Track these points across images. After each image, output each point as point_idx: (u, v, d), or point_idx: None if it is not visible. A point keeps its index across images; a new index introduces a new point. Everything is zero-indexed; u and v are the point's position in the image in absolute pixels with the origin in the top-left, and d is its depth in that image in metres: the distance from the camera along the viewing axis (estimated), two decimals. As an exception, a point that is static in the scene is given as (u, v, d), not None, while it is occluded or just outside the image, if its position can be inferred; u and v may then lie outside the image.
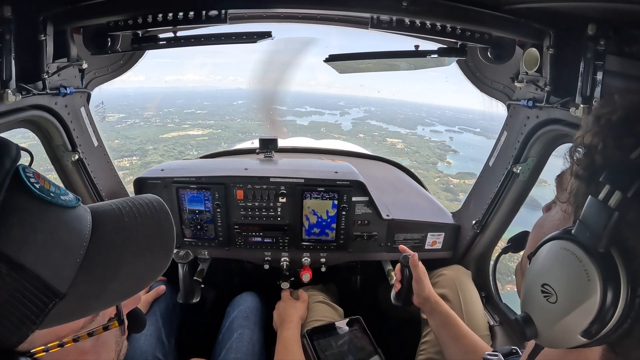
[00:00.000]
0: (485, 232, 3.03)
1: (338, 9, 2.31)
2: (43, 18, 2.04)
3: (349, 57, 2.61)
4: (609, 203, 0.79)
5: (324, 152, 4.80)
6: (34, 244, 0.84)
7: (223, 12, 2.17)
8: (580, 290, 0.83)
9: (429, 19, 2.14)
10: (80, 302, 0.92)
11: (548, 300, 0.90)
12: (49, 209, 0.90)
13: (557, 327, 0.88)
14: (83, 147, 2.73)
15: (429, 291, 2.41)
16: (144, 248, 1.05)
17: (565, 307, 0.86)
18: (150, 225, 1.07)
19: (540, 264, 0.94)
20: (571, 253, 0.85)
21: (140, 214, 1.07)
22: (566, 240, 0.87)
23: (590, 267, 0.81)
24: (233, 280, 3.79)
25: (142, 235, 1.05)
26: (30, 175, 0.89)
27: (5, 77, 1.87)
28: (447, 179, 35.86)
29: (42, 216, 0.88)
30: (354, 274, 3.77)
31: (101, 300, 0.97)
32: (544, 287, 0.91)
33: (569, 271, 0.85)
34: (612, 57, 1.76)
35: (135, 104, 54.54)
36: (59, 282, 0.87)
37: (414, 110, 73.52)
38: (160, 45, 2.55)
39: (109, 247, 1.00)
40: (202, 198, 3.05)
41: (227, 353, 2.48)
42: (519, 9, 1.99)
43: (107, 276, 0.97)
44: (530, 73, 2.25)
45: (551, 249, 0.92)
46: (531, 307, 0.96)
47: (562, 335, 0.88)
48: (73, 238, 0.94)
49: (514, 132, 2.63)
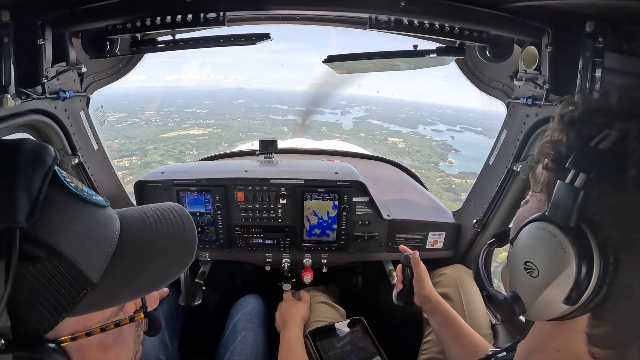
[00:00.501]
0: (486, 230, 3.03)
1: (336, 9, 2.31)
2: (41, 22, 2.03)
3: (348, 58, 2.60)
4: (575, 184, 0.92)
5: (323, 153, 4.80)
6: (71, 235, 0.91)
7: (221, 14, 2.16)
8: (557, 262, 0.94)
9: (427, 18, 2.13)
10: (110, 292, 0.98)
11: (531, 275, 1.01)
12: (83, 205, 0.99)
13: (542, 298, 0.99)
14: (83, 151, 2.73)
15: (430, 290, 2.40)
16: (169, 247, 1.13)
17: (547, 279, 0.97)
18: (174, 226, 1.16)
19: (521, 245, 1.06)
20: (547, 231, 0.97)
21: (164, 216, 1.17)
22: (541, 221, 1.00)
23: (564, 240, 0.93)
24: (235, 282, 3.80)
25: (166, 235, 1.14)
26: (65, 176, 0.98)
27: (4, 82, 1.87)
28: (449, 178, 35.76)
29: (77, 211, 0.96)
30: (355, 275, 3.78)
31: (129, 292, 1.04)
32: (526, 265, 1.03)
33: (547, 246, 0.97)
34: (610, 54, 1.76)
35: (136, 104, 54.55)
36: (91, 272, 0.94)
37: (415, 109, 73.42)
38: (158, 48, 2.55)
39: (137, 244, 1.07)
40: (202, 200, 3.05)
41: (231, 355, 2.48)
42: (517, 7, 1.99)
43: (136, 269, 1.05)
44: (529, 71, 2.25)
45: (530, 230, 1.04)
46: (517, 285, 1.07)
47: (546, 306, 0.99)
48: (105, 233, 1.02)
49: (514, 130, 2.63)
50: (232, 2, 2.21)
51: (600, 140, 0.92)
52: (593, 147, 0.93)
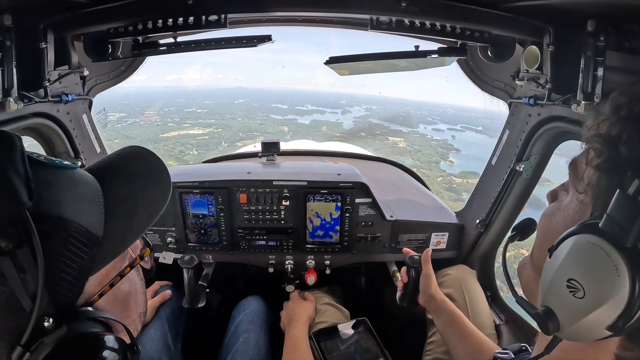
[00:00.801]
0: (490, 231, 3.03)
1: (337, 11, 2.31)
2: (43, 26, 2.04)
3: (349, 59, 2.61)
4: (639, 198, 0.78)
5: (326, 155, 4.81)
6: (66, 201, 0.96)
7: (223, 16, 2.17)
8: (609, 286, 0.81)
9: (428, 19, 2.13)
10: (116, 240, 1.05)
11: (574, 296, 0.88)
12: (61, 172, 1.01)
13: (583, 321, 0.86)
14: (86, 154, 2.74)
15: (435, 289, 2.40)
16: (145, 180, 1.19)
17: (593, 302, 0.84)
18: (141, 162, 1.22)
19: (566, 258, 0.91)
20: (599, 248, 0.83)
21: (127, 157, 1.23)
22: (594, 234, 0.85)
23: (620, 262, 0.80)
24: (238, 284, 3.80)
25: (138, 171, 1.20)
26: (32, 152, 0.98)
27: (7, 86, 1.88)
28: (450, 178, 35.71)
29: (60, 178, 1.00)
30: (358, 276, 3.78)
31: (132, 233, 1.12)
32: (570, 282, 0.89)
33: (598, 266, 0.83)
34: (612, 52, 1.76)
35: (136, 104, 54.62)
36: (95, 228, 0.99)
37: (415, 108, 73.39)
38: (160, 51, 2.56)
39: (119, 189, 1.12)
40: (205, 202, 3.05)
41: (233, 357, 2.48)
42: (518, 7, 1.99)
43: (129, 212, 1.11)
44: (531, 71, 2.25)
45: (577, 242, 0.89)
46: (555, 302, 0.94)
47: (587, 330, 0.87)
48: (89, 190, 1.05)
49: (516, 130, 2.63)
50: (233, 4, 2.21)
51: None
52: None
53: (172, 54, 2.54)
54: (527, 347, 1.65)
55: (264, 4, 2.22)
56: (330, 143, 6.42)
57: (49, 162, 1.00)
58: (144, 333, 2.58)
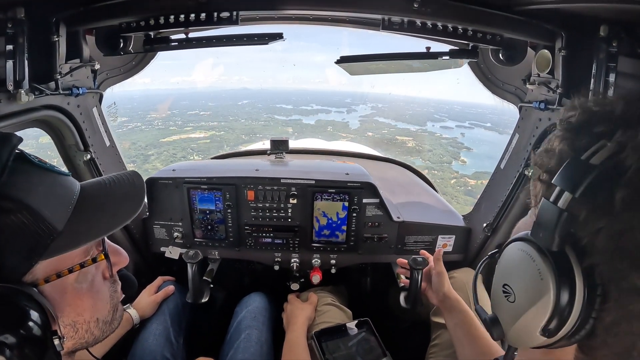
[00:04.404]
0: (497, 235, 3.01)
1: (349, 10, 2.30)
2: (56, 19, 2.06)
3: (360, 59, 2.61)
4: (559, 204, 0.83)
5: (334, 154, 4.81)
6: (36, 193, 1.11)
7: (234, 13, 2.17)
8: (534, 289, 0.87)
9: (440, 20, 2.13)
10: (74, 236, 1.17)
11: (508, 300, 0.95)
12: (47, 173, 1.19)
13: (517, 325, 0.92)
14: (95, 147, 2.75)
15: (449, 288, 2.40)
16: (120, 197, 1.34)
17: (522, 306, 0.90)
18: (125, 183, 1.38)
19: (502, 265, 1.00)
20: (526, 254, 0.90)
21: (117, 179, 1.38)
22: (522, 241, 0.93)
23: (542, 266, 0.85)
24: (243, 280, 3.81)
25: (118, 189, 1.36)
26: (31, 154, 1.18)
27: (18, 78, 1.89)
28: (464, 179, 35.28)
29: (42, 177, 1.17)
30: (363, 276, 3.77)
31: (90, 235, 1.22)
32: (505, 287, 0.96)
33: (524, 271, 0.90)
34: (624, 58, 1.74)
35: (140, 107, 54.67)
36: (56, 221, 1.13)
37: (422, 105, 72.87)
38: (172, 46, 2.57)
39: (94, 199, 1.28)
40: (213, 198, 3.06)
41: (235, 353, 2.49)
42: (531, 10, 1.97)
43: (93, 217, 1.25)
44: (542, 75, 2.23)
45: (511, 250, 0.97)
46: (496, 307, 1.02)
47: (523, 334, 0.92)
48: (66, 192, 1.22)
49: (526, 134, 2.61)
50: (245, 1, 2.21)
51: (593, 153, 0.81)
52: (583, 161, 0.82)
53: (175, 54, 2.55)
54: None
55: (275, 1, 2.22)
56: (339, 142, 6.43)
57: (39, 163, 1.17)
58: (147, 327, 2.60)
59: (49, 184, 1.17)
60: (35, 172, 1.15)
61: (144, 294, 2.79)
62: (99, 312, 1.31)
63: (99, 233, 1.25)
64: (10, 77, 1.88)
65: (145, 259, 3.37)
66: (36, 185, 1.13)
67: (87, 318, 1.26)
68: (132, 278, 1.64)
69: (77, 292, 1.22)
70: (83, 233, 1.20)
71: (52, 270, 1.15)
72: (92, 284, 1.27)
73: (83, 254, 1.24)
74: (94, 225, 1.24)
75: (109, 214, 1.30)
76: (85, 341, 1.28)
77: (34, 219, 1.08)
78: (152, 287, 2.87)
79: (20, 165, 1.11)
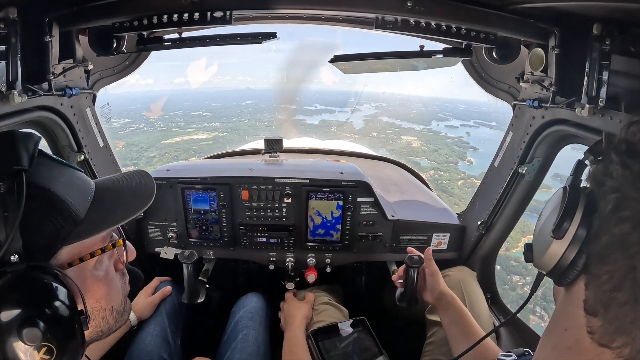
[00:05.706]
0: (491, 232, 3.03)
1: (343, 9, 2.30)
2: (49, 19, 2.04)
3: (354, 58, 2.60)
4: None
5: (329, 153, 4.81)
6: (59, 183, 1.24)
7: (228, 13, 2.16)
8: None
9: (433, 19, 2.12)
10: (93, 224, 1.29)
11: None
12: (65, 168, 1.32)
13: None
14: (89, 148, 2.73)
15: (444, 286, 2.41)
16: (133, 192, 1.48)
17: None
18: (136, 180, 1.51)
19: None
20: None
21: (128, 176, 1.53)
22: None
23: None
24: (238, 280, 3.80)
25: (130, 185, 1.49)
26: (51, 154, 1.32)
27: (11, 78, 1.87)
28: (472, 180, 34.97)
29: (62, 170, 1.30)
30: (359, 275, 3.78)
31: (107, 223, 1.35)
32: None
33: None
34: (617, 56, 1.75)
35: (143, 108, 54.17)
36: (78, 209, 1.25)
37: (426, 104, 72.31)
38: (165, 46, 2.56)
39: (110, 191, 1.43)
40: (207, 198, 3.06)
41: (232, 353, 2.49)
42: (524, 9, 1.98)
43: (111, 206, 1.39)
44: (536, 73, 2.24)
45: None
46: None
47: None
48: (84, 184, 1.36)
49: (520, 132, 2.62)
50: (238, 1, 2.20)
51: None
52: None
53: (177, 55, 2.54)
54: (529, 352, 1.65)
55: (269, 1, 2.21)
56: (333, 141, 6.42)
57: (57, 159, 1.31)
58: (144, 328, 2.59)
59: (69, 176, 1.30)
60: (55, 166, 1.28)
61: (141, 295, 2.78)
62: (113, 300, 1.42)
63: (117, 220, 1.38)
64: (3, 78, 1.85)
65: (139, 259, 3.35)
66: (58, 177, 1.26)
67: (104, 305, 1.38)
68: (139, 272, 1.77)
69: (95, 279, 1.34)
70: (103, 220, 1.33)
71: (75, 255, 1.26)
72: (107, 273, 1.40)
73: (102, 241, 1.37)
74: (112, 213, 1.37)
75: (124, 204, 1.43)
76: (100, 329, 1.39)
77: (60, 205, 1.20)
78: (149, 288, 2.85)
79: (42, 159, 1.23)
